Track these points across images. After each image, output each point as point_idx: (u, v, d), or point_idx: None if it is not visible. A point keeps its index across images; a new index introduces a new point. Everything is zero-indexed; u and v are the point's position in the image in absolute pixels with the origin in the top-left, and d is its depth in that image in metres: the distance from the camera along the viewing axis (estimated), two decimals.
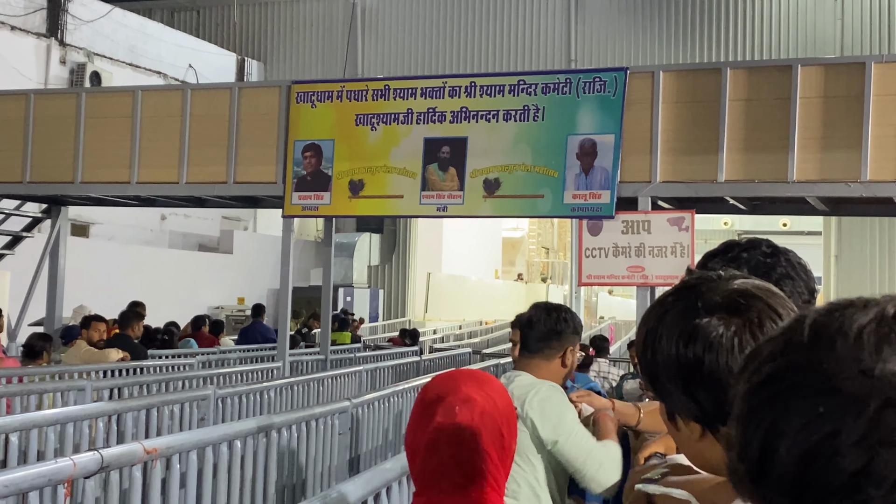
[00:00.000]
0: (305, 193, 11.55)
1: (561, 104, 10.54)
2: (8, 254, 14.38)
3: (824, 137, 9.61)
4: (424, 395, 2.28)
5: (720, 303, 1.35)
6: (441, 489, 2.15)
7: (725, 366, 1.32)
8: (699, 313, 1.35)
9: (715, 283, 1.39)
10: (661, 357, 1.38)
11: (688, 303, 1.38)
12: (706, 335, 1.34)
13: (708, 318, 1.35)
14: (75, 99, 12.85)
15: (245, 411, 7.75)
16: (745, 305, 1.34)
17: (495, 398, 2.23)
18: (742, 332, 1.33)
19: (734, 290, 1.36)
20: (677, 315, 1.38)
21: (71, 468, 3.54)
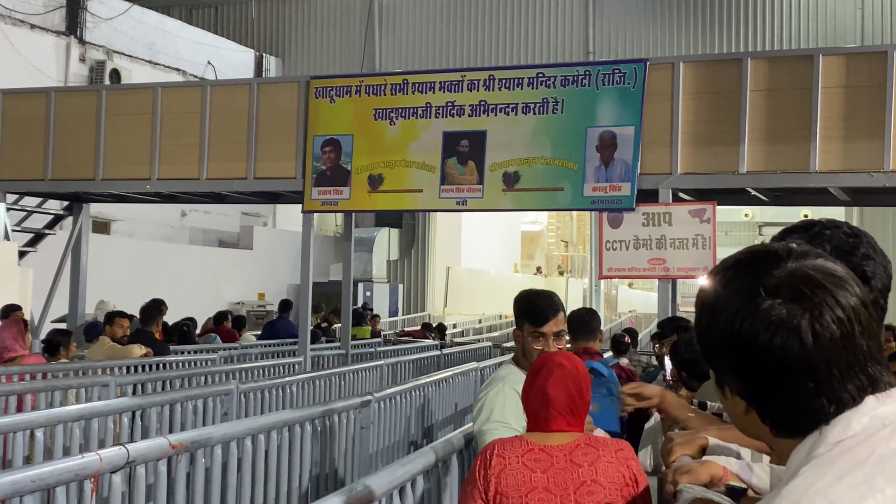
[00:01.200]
0: (325, 188, 11.56)
1: (580, 96, 10.51)
2: (30, 251, 14.46)
3: (846, 127, 9.55)
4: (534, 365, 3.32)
5: (783, 286, 1.33)
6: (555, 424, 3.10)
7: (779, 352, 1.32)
8: (760, 294, 1.34)
9: (782, 261, 1.36)
10: (715, 330, 1.38)
11: (751, 280, 1.36)
12: (764, 319, 1.32)
13: (769, 301, 1.33)
14: (95, 96, 12.91)
15: (267, 406, 7.77)
16: (808, 294, 1.32)
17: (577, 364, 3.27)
18: (801, 320, 1.31)
19: (800, 275, 1.34)
20: (738, 291, 1.36)
21: (98, 463, 3.56)
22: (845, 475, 1.22)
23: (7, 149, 13.09)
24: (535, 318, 3.86)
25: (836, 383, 1.31)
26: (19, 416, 5.66)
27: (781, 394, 1.34)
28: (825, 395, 1.32)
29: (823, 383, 1.31)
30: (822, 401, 1.32)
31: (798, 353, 1.30)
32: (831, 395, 1.31)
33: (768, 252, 1.39)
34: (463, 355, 14.36)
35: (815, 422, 1.33)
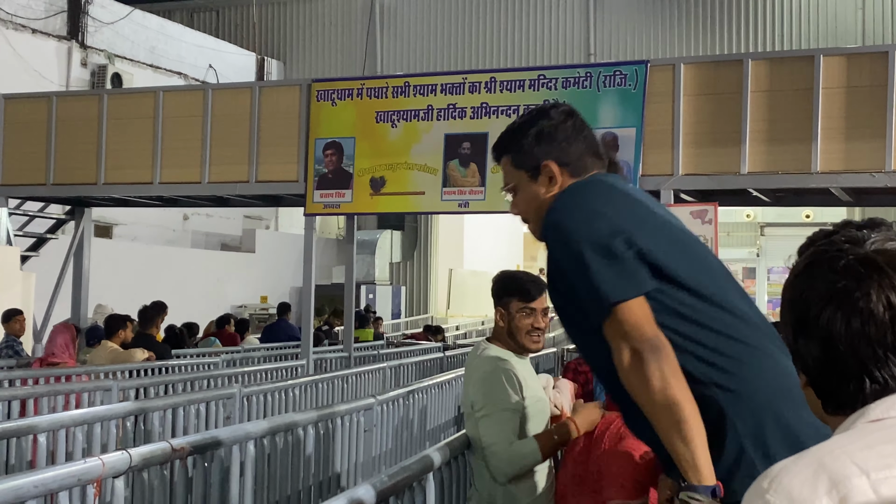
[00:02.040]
0: (327, 191, 11.57)
1: (581, 98, 10.50)
2: (33, 255, 14.48)
3: (847, 128, 9.54)
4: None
5: (845, 265, 1.39)
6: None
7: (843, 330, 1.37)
8: (823, 269, 1.41)
9: (854, 243, 1.42)
10: (785, 300, 1.47)
11: (820, 256, 1.43)
12: (818, 292, 1.39)
13: (830, 276, 1.39)
14: (97, 100, 12.92)
15: (270, 409, 7.77)
16: (865, 274, 1.37)
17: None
18: (852, 298, 1.36)
19: (863, 257, 1.39)
20: (806, 265, 1.45)
21: (100, 468, 3.56)
22: (876, 445, 1.26)
23: (9, 153, 13.11)
24: (525, 294, 3.88)
25: (880, 366, 1.35)
26: (22, 420, 5.66)
27: (828, 369, 1.39)
28: (868, 375, 1.35)
29: (867, 364, 1.35)
30: (864, 381, 1.35)
31: (844, 331, 1.35)
32: (874, 376, 1.35)
33: (846, 236, 1.44)
34: (466, 357, 14.33)
35: (857, 402, 1.36)
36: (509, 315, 3.92)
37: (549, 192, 2.68)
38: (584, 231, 2.47)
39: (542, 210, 2.65)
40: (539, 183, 2.70)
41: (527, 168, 2.71)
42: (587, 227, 2.47)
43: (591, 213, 2.51)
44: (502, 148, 2.80)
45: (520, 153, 2.73)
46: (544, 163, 2.68)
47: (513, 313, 3.90)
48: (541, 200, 2.69)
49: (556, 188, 2.68)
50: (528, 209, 2.74)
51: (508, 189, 2.79)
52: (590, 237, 2.45)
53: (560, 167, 2.68)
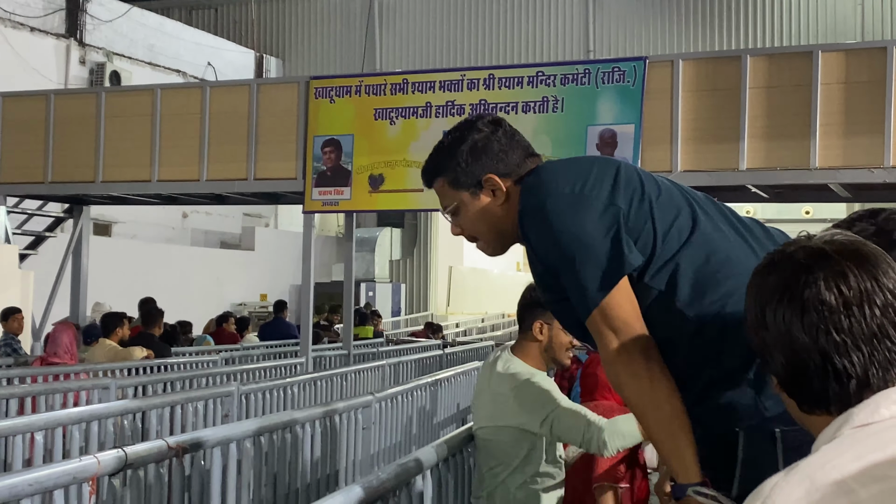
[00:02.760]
0: (326, 189, 11.56)
1: (580, 95, 10.50)
2: (31, 254, 14.47)
3: (846, 123, 9.53)
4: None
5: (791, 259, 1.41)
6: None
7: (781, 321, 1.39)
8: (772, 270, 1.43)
9: (802, 242, 1.44)
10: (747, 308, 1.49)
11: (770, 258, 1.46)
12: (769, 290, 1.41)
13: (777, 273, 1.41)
14: (95, 98, 12.91)
15: (269, 407, 7.76)
16: (812, 266, 1.37)
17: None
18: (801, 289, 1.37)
19: (811, 249, 1.40)
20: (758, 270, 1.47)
21: (96, 466, 3.55)
22: (866, 455, 1.23)
23: (7, 151, 13.09)
24: None
25: (842, 352, 1.34)
26: (19, 419, 5.65)
27: (794, 366, 1.38)
28: (832, 366, 1.34)
29: (830, 353, 1.34)
30: (829, 375, 1.35)
31: (800, 323, 1.35)
32: (838, 366, 1.34)
33: (797, 238, 1.47)
34: (465, 354, 14.34)
35: (826, 398, 1.36)
36: (552, 330, 3.77)
37: (497, 203, 2.58)
38: (570, 214, 2.39)
39: (499, 222, 2.59)
40: (483, 197, 2.59)
41: (466, 186, 2.59)
42: (572, 211, 2.40)
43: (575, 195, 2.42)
44: (434, 171, 2.65)
45: (456, 172, 2.59)
46: (485, 177, 2.57)
47: (557, 329, 3.74)
48: (492, 213, 2.59)
49: (504, 198, 2.57)
50: (477, 226, 2.64)
51: (449, 211, 2.66)
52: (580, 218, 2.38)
53: (501, 178, 2.57)
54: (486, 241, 2.66)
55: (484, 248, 2.69)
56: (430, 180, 2.69)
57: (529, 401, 3.66)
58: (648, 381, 2.30)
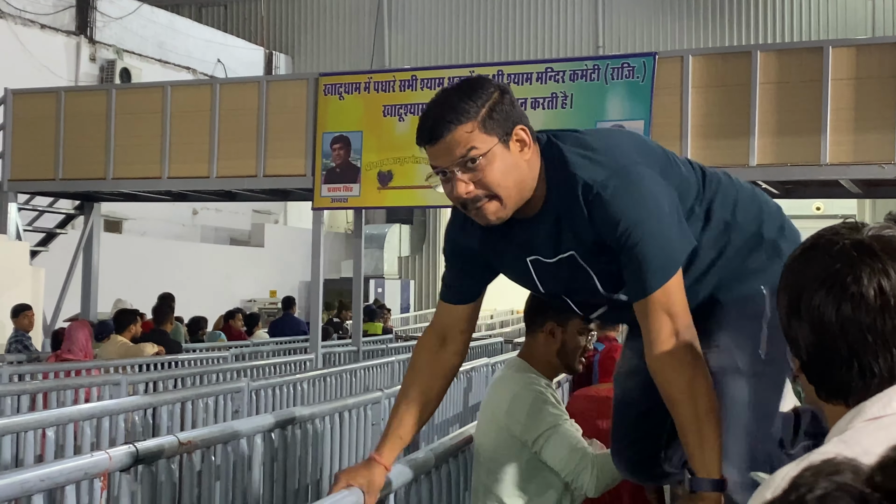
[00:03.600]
0: (335, 185, 11.57)
1: (589, 91, 10.48)
2: (42, 250, 14.51)
3: (857, 119, 9.50)
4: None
5: (840, 251, 1.38)
6: None
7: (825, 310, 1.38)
8: (817, 255, 1.41)
9: (852, 231, 1.41)
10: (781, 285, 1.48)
11: (815, 243, 1.43)
12: (811, 276, 1.40)
13: (823, 260, 1.39)
14: (105, 95, 12.94)
15: (279, 403, 7.78)
16: (857, 259, 1.36)
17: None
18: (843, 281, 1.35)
19: (858, 242, 1.38)
20: (803, 251, 1.45)
21: (107, 461, 3.57)
22: (875, 448, 1.21)
23: (18, 149, 13.13)
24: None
25: (870, 353, 1.33)
26: (30, 415, 5.68)
27: (820, 355, 1.38)
28: (858, 362, 1.34)
29: (858, 351, 1.34)
30: (854, 368, 1.34)
31: (834, 315, 1.34)
32: (864, 364, 1.34)
33: (845, 224, 1.44)
34: (474, 351, 14.34)
35: (849, 390, 1.35)
36: (566, 333, 3.44)
37: (525, 160, 2.36)
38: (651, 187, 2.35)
39: (525, 179, 2.37)
40: (513, 149, 2.35)
41: (499, 133, 2.32)
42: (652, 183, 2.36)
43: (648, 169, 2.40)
44: (461, 112, 2.32)
45: (491, 114, 2.32)
46: (518, 127, 2.35)
47: (571, 332, 3.43)
48: (520, 168, 2.35)
49: (528, 155, 2.37)
50: (504, 180, 2.34)
51: (476, 157, 2.31)
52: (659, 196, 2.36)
53: (528, 133, 2.38)
54: (509, 198, 2.37)
55: (497, 210, 2.39)
56: (451, 127, 2.34)
57: (526, 412, 3.34)
58: (692, 373, 2.33)
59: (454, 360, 2.82)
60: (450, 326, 2.79)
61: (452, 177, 2.37)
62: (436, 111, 2.39)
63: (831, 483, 0.81)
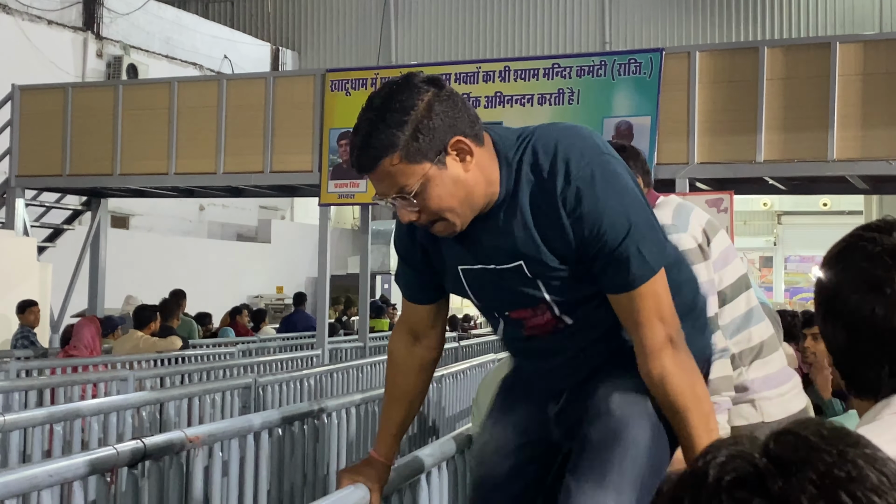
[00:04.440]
0: (341, 181, 11.57)
1: (596, 87, 10.47)
2: (49, 246, 14.54)
3: (864, 115, 9.49)
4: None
5: (881, 253, 1.41)
6: None
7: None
8: (858, 256, 1.43)
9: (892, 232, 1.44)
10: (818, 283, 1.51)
11: (856, 243, 1.46)
12: (851, 277, 1.43)
13: (864, 263, 1.41)
14: (112, 91, 12.96)
15: (286, 399, 7.80)
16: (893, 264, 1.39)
17: None
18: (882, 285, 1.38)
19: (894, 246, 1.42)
20: (843, 249, 1.47)
21: (115, 457, 3.58)
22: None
23: (25, 144, 13.16)
24: None
25: None
26: (38, 410, 5.69)
27: (853, 354, 1.42)
28: (889, 364, 1.38)
29: (891, 353, 1.37)
30: (884, 370, 1.38)
31: (869, 318, 1.37)
32: (894, 366, 1.37)
33: (885, 222, 1.46)
34: (480, 347, 14.36)
35: (879, 388, 1.39)
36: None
37: (468, 168, 2.20)
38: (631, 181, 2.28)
39: (472, 191, 2.21)
40: (452, 164, 2.19)
41: (431, 156, 2.16)
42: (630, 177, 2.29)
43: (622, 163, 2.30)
44: (382, 148, 2.16)
45: (416, 142, 2.15)
46: (452, 140, 2.18)
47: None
48: (464, 182, 2.20)
49: (473, 163, 2.20)
50: (447, 202, 2.20)
51: (412, 192, 2.18)
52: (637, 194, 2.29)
53: (468, 139, 2.21)
54: (456, 218, 2.25)
55: (447, 228, 2.28)
56: (374, 162, 2.17)
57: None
58: (695, 377, 2.31)
59: (430, 355, 2.70)
60: (417, 323, 2.67)
61: (395, 204, 2.25)
62: (360, 140, 2.21)
63: (731, 450, 0.90)
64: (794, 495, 0.86)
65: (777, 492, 0.86)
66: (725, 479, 0.89)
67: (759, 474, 0.88)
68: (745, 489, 0.87)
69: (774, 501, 0.86)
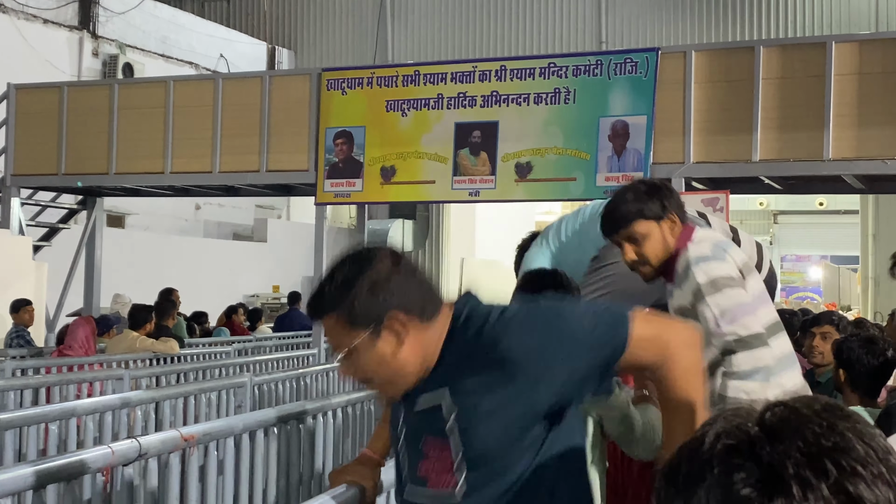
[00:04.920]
0: (337, 181, 11.57)
1: (592, 86, 10.48)
2: (45, 245, 14.52)
3: (860, 114, 9.49)
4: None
5: None
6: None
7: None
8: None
9: None
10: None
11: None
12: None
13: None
14: (108, 90, 12.94)
15: (282, 398, 7.80)
16: None
17: None
18: None
19: None
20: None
21: (110, 456, 3.58)
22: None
23: (21, 143, 13.15)
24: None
25: None
26: (33, 409, 5.69)
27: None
28: None
29: None
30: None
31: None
32: None
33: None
34: None
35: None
36: None
37: (400, 345, 2.19)
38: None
39: (401, 368, 2.20)
40: (385, 338, 2.18)
41: (365, 325, 2.17)
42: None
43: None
44: (325, 304, 2.20)
45: (353, 307, 2.17)
46: (389, 314, 2.17)
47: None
48: (393, 358, 2.19)
49: (408, 341, 2.20)
50: (376, 374, 2.23)
51: (343, 355, 2.22)
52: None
53: (408, 316, 2.20)
54: (383, 388, 2.29)
55: (379, 395, 2.38)
56: (319, 314, 2.23)
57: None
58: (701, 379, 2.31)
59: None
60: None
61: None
62: (318, 286, 2.25)
63: (729, 421, 0.97)
64: (780, 461, 0.91)
65: (766, 457, 0.92)
66: (719, 445, 0.95)
67: (751, 442, 0.94)
68: (737, 455, 0.94)
69: (764, 467, 0.92)
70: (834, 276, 26.09)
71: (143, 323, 9.92)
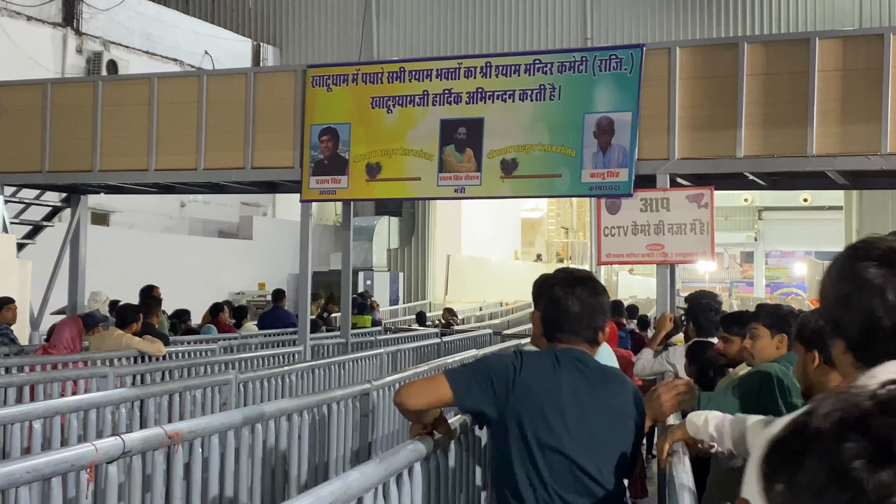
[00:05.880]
0: (323, 177, 11.55)
1: (577, 83, 10.48)
2: (29, 243, 14.47)
3: (843, 111, 9.53)
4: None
5: (878, 256, 1.74)
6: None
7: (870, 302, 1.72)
8: (858, 260, 1.76)
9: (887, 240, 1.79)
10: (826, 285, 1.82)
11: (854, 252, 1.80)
12: (856, 279, 1.75)
13: (863, 263, 1.75)
14: (92, 87, 12.88)
15: (267, 395, 7.78)
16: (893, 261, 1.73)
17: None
18: (881, 282, 1.71)
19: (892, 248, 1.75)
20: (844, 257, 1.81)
21: (93, 453, 3.57)
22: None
23: (4, 141, 13.07)
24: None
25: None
26: (17, 407, 5.66)
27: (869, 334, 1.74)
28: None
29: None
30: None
31: (875, 309, 1.70)
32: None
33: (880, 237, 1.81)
34: (463, 342, 14.37)
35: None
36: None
37: None
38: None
39: None
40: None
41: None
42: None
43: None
44: None
45: None
46: None
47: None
48: None
49: None
50: None
51: None
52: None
53: None
54: None
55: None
56: None
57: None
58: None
59: None
60: None
61: None
62: None
63: (841, 397, 1.00)
64: (891, 433, 0.94)
65: (876, 429, 0.94)
66: (830, 418, 0.98)
67: (862, 414, 0.97)
68: (847, 427, 0.96)
69: (874, 438, 0.94)
70: (818, 272, 26.19)
71: (131, 322, 9.87)
